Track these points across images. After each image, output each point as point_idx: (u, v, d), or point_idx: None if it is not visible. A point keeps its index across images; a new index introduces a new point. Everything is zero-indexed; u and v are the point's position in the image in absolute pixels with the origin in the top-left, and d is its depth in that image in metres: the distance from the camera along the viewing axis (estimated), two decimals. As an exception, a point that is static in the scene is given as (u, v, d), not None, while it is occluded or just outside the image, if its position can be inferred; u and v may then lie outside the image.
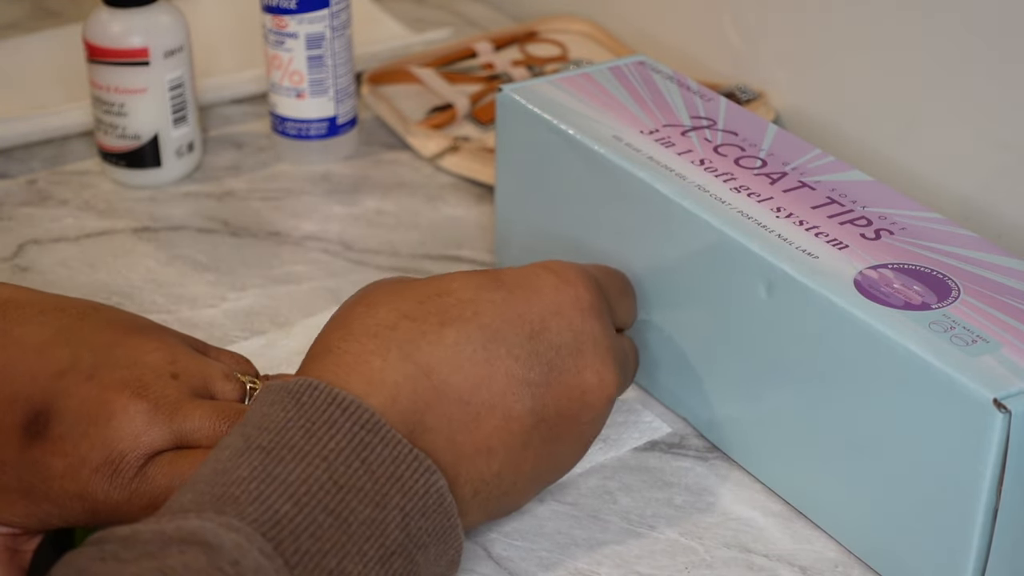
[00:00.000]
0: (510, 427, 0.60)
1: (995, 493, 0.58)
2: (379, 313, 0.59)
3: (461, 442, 0.59)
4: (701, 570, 0.64)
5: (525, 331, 0.60)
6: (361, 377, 0.57)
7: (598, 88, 0.79)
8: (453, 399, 0.58)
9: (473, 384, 0.59)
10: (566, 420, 0.61)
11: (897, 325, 0.60)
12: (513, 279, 0.61)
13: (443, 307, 0.59)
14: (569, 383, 0.61)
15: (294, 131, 0.95)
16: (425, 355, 0.58)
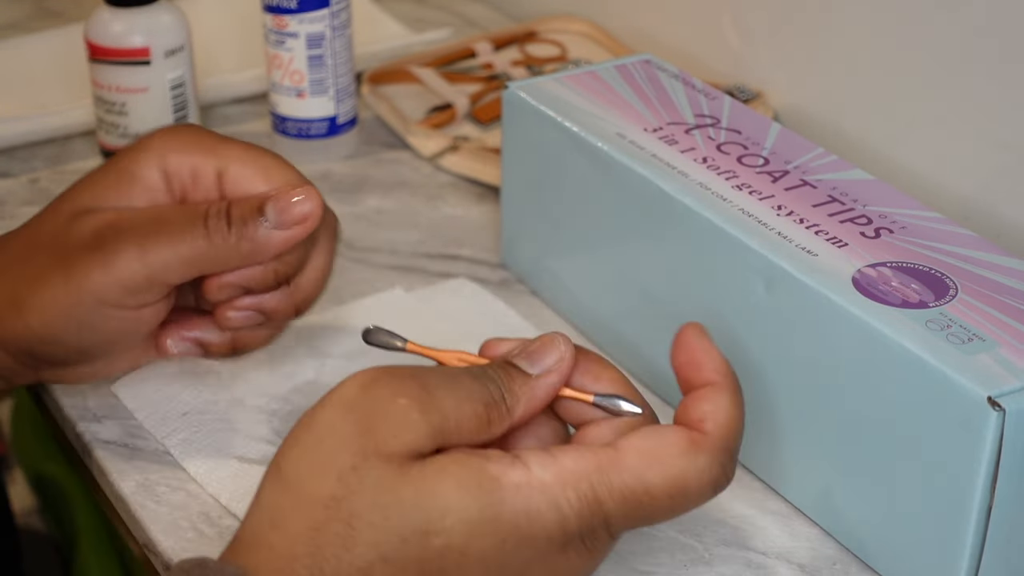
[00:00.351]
0: None
1: (989, 490, 0.58)
2: (357, 548, 0.52)
3: None
4: (700, 567, 0.65)
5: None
6: None
7: (603, 86, 0.79)
8: None
9: None
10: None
11: (894, 323, 0.61)
12: (513, 512, 0.53)
13: (426, 556, 0.52)
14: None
15: (294, 130, 0.95)
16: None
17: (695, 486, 0.55)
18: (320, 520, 0.52)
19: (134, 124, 0.91)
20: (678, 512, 0.56)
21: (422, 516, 0.52)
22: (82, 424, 0.72)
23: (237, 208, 0.63)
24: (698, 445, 0.55)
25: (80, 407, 0.73)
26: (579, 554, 0.55)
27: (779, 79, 0.97)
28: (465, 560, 0.53)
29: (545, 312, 0.81)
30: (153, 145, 0.64)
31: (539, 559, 0.54)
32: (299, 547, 0.52)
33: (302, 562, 0.52)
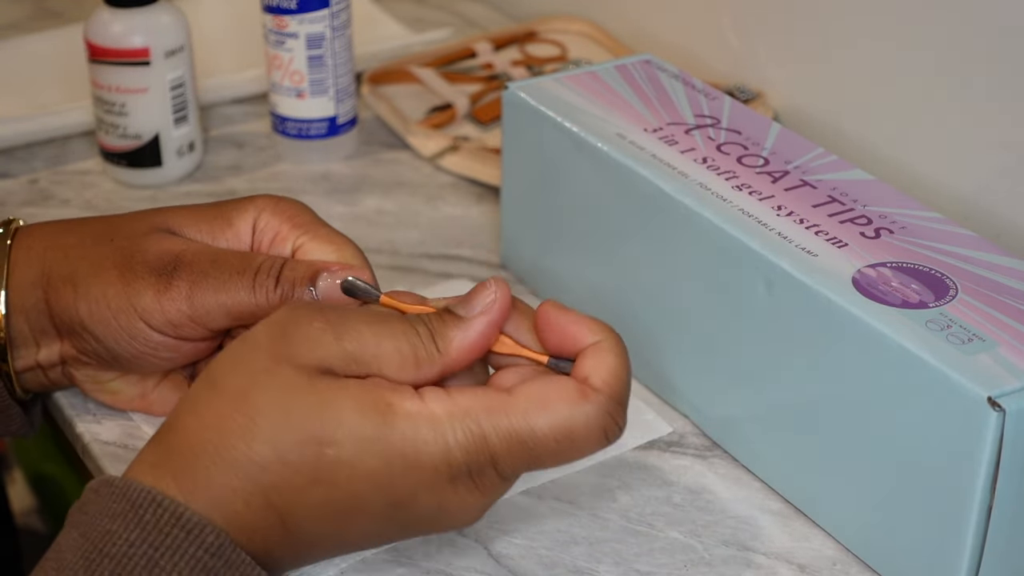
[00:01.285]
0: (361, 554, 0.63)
1: (989, 490, 0.58)
2: (256, 443, 0.55)
3: (288, 565, 0.59)
4: (700, 568, 0.65)
5: (390, 500, 0.56)
6: (219, 513, 0.55)
7: (603, 86, 0.79)
8: (304, 543, 0.58)
9: (327, 536, 0.58)
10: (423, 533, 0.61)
11: (894, 323, 0.61)
12: (401, 437, 0.56)
13: (319, 464, 0.55)
14: (419, 530, 0.59)
15: (294, 131, 0.95)
16: (287, 504, 0.56)
17: (582, 433, 0.57)
18: (227, 410, 0.56)
19: (134, 124, 0.91)
20: (567, 458, 0.57)
21: (319, 424, 0.55)
22: (82, 424, 0.72)
23: (290, 270, 0.64)
24: (585, 395, 0.57)
25: (80, 407, 0.73)
26: (468, 490, 0.57)
27: (779, 79, 0.97)
28: (354, 474, 0.55)
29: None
30: (256, 202, 0.67)
31: (426, 487, 0.56)
32: (206, 433, 0.56)
33: (207, 448, 0.55)
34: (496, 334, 0.59)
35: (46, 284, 0.66)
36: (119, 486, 0.55)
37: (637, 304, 0.74)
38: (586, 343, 0.58)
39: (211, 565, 0.54)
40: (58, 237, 0.67)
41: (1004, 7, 0.81)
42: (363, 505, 0.56)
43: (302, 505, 0.56)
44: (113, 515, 0.55)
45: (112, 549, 0.54)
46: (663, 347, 0.73)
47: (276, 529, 0.56)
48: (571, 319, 0.59)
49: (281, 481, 0.55)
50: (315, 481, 0.55)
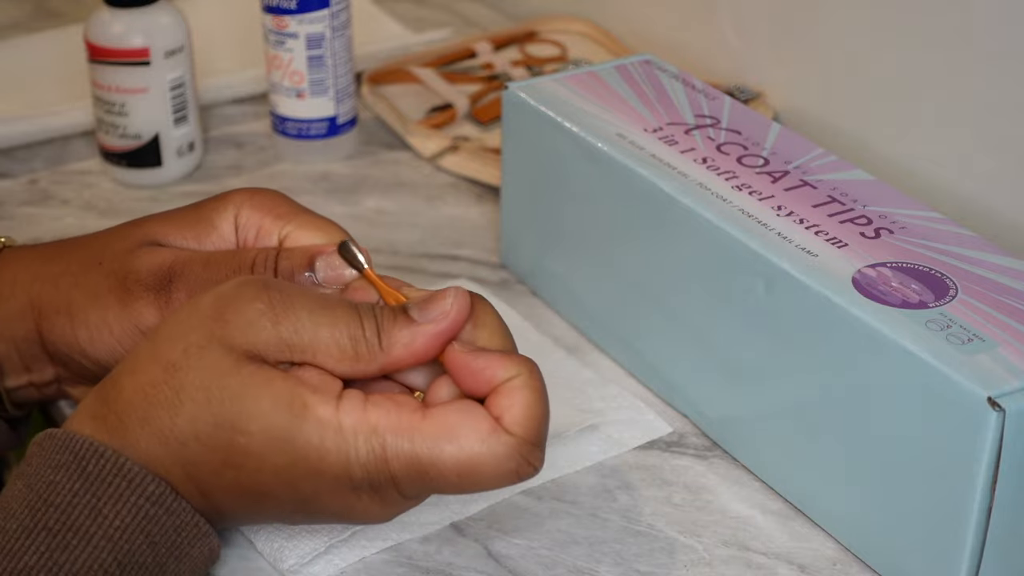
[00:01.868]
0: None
1: (989, 491, 0.58)
2: (179, 418, 0.57)
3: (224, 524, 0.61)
4: (700, 568, 0.65)
5: (296, 495, 0.58)
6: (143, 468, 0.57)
7: (603, 86, 0.79)
8: (226, 514, 0.59)
9: (245, 512, 0.59)
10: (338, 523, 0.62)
11: (894, 323, 0.61)
12: (307, 442, 0.56)
13: (231, 449, 0.57)
14: (334, 521, 0.60)
15: (294, 131, 0.95)
16: (203, 480, 0.58)
17: (489, 473, 0.56)
18: (158, 380, 0.57)
19: (134, 125, 0.91)
20: (471, 490, 0.58)
21: (235, 412, 0.56)
22: (82, 425, 0.72)
23: (286, 259, 0.64)
24: (496, 435, 0.56)
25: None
26: (372, 500, 0.57)
27: (779, 79, 0.97)
28: (262, 467, 0.57)
29: (545, 312, 0.81)
30: (233, 198, 0.66)
31: (329, 492, 0.57)
32: (137, 397, 0.57)
33: (137, 412, 0.57)
34: (443, 344, 0.58)
35: (37, 316, 0.65)
36: (61, 438, 0.57)
37: (637, 304, 0.74)
38: (499, 381, 0.57)
39: (152, 513, 0.56)
40: (44, 266, 0.66)
41: (1004, 7, 0.81)
42: (271, 494, 0.58)
43: (216, 484, 0.57)
44: (56, 466, 0.57)
45: (56, 498, 0.56)
46: (663, 347, 0.73)
47: (197, 498, 0.58)
48: (483, 359, 0.57)
49: (197, 458, 0.57)
50: (226, 464, 0.57)
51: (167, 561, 0.57)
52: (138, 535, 0.56)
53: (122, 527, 0.56)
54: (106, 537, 0.56)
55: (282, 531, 0.64)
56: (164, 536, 0.57)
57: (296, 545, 0.64)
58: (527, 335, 0.78)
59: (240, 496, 0.58)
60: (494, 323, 0.60)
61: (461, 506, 0.67)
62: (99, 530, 0.56)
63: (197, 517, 0.58)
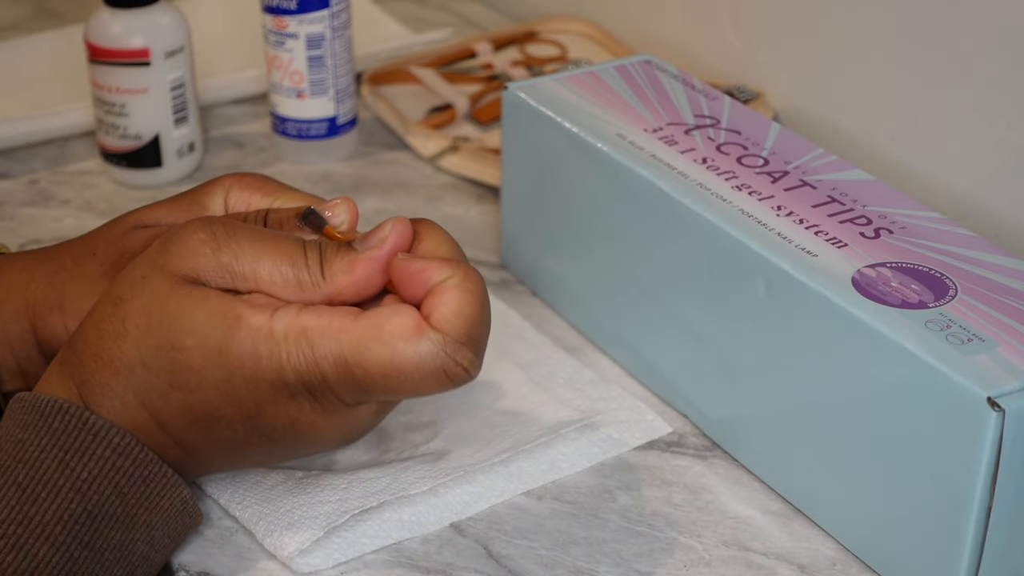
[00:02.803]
0: (238, 457, 0.62)
1: (989, 491, 0.58)
2: (125, 346, 0.58)
3: (194, 470, 0.62)
4: (700, 568, 0.65)
5: (240, 410, 0.58)
6: (104, 410, 0.59)
7: (603, 86, 0.79)
8: (187, 448, 0.60)
9: (200, 439, 0.60)
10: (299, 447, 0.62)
11: (893, 323, 0.61)
12: (240, 350, 0.57)
13: (174, 368, 0.58)
14: (291, 443, 0.60)
15: (294, 131, 0.95)
16: (156, 407, 0.59)
17: (415, 372, 0.57)
18: (107, 314, 0.59)
19: (134, 125, 0.91)
20: (403, 393, 0.58)
21: (174, 330, 0.58)
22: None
23: (275, 214, 0.64)
24: (422, 332, 0.57)
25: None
26: (313, 409, 0.58)
27: (779, 79, 0.97)
28: (202, 382, 0.58)
29: (545, 312, 0.81)
30: (222, 182, 0.67)
31: (269, 401, 0.58)
32: (91, 334, 0.59)
33: (90, 347, 0.59)
34: (383, 271, 0.59)
35: (32, 315, 0.66)
36: (28, 399, 0.59)
37: (637, 304, 0.74)
38: (434, 283, 0.58)
39: (119, 464, 0.58)
40: (38, 267, 0.67)
41: (1004, 7, 0.81)
42: (217, 412, 0.58)
43: (167, 408, 0.58)
44: (24, 425, 0.58)
45: (24, 455, 0.57)
46: (663, 347, 0.73)
47: (157, 431, 0.59)
48: (420, 263, 0.58)
49: (146, 383, 0.58)
50: (172, 386, 0.58)
51: (137, 511, 0.58)
52: (106, 486, 0.57)
53: (90, 479, 0.57)
54: (74, 489, 0.57)
55: (280, 519, 0.64)
56: (132, 486, 0.58)
57: (295, 533, 0.64)
58: (527, 335, 0.78)
59: (192, 422, 0.59)
60: (439, 236, 0.61)
61: (461, 506, 0.67)
62: (67, 482, 0.57)
63: (164, 467, 0.59)
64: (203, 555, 0.64)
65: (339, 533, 0.65)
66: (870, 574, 0.64)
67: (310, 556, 0.64)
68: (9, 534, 0.55)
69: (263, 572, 0.64)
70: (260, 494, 0.66)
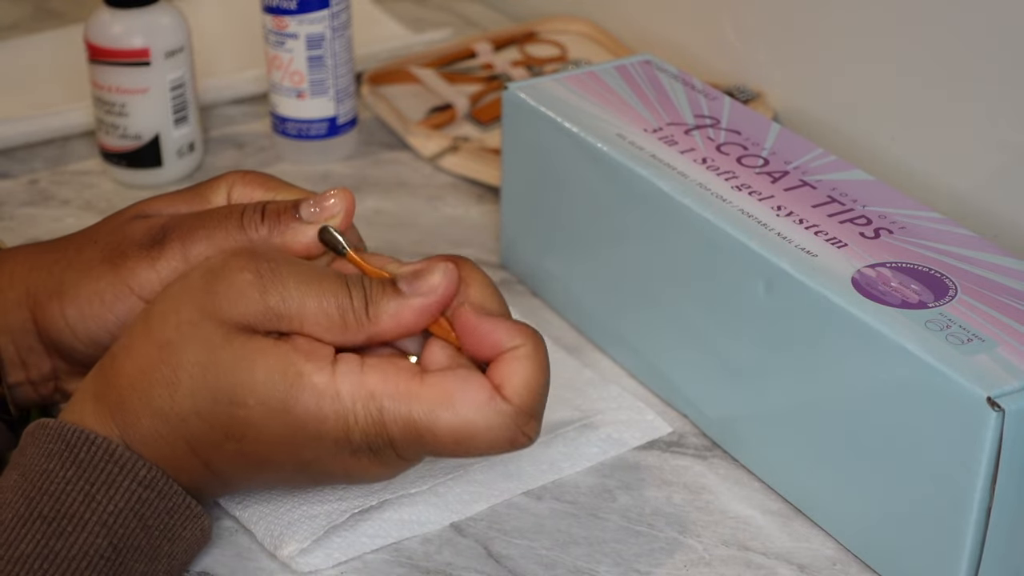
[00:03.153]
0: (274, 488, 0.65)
1: (989, 491, 0.58)
2: (178, 396, 0.58)
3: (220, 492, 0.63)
4: (700, 568, 0.65)
5: (297, 461, 0.59)
6: (149, 451, 0.59)
7: (603, 87, 0.79)
8: (229, 482, 0.61)
9: (248, 478, 0.61)
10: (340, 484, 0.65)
11: (893, 323, 0.61)
12: (304, 410, 0.58)
13: (231, 422, 0.58)
14: (336, 483, 0.63)
15: (294, 131, 0.95)
16: (208, 454, 0.59)
17: (484, 440, 0.57)
18: (155, 360, 0.58)
19: (134, 125, 0.91)
20: (469, 456, 0.58)
21: (232, 383, 0.57)
22: (82, 425, 0.72)
23: (273, 205, 0.65)
24: (495, 403, 0.57)
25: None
26: (371, 461, 0.59)
27: (779, 79, 0.97)
28: (261, 437, 0.58)
29: (545, 312, 0.81)
30: (226, 178, 0.67)
31: (329, 456, 0.58)
32: (137, 377, 0.58)
33: (136, 391, 0.58)
34: (433, 316, 0.59)
35: (32, 304, 0.65)
36: (54, 428, 0.58)
37: (637, 304, 0.74)
38: (504, 348, 0.58)
39: (145, 497, 0.58)
40: (40, 256, 0.67)
41: (1004, 7, 0.81)
42: (273, 461, 0.59)
43: (219, 455, 0.59)
44: (50, 455, 0.57)
45: (50, 487, 0.57)
46: (663, 347, 0.73)
47: (200, 469, 0.59)
48: (490, 324, 0.59)
49: (199, 432, 0.58)
50: (227, 437, 0.58)
51: (160, 543, 0.58)
52: (132, 519, 0.57)
53: (116, 512, 0.57)
54: (100, 522, 0.56)
55: (280, 518, 0.64)
56: (157, 519, 0.58)
57: (295, 532, 0.64)
58: (527, 335, 0.78)
59: (243, 465, 0.59)
60: (483, 282, 0.61)
61: (461, 506, 0.67)
62: (93, 515, 0.56)
63: (188, 499, 0.59)
64: (203, 555, 0.64)
65: (339, 532, 0.65)
66: (870, 574, 0.64)
67: (310, 555, 0.64)
68: (35, 570, 0.55)
69: (263, 572, 0.64)
70: (260, 494, 0.66)
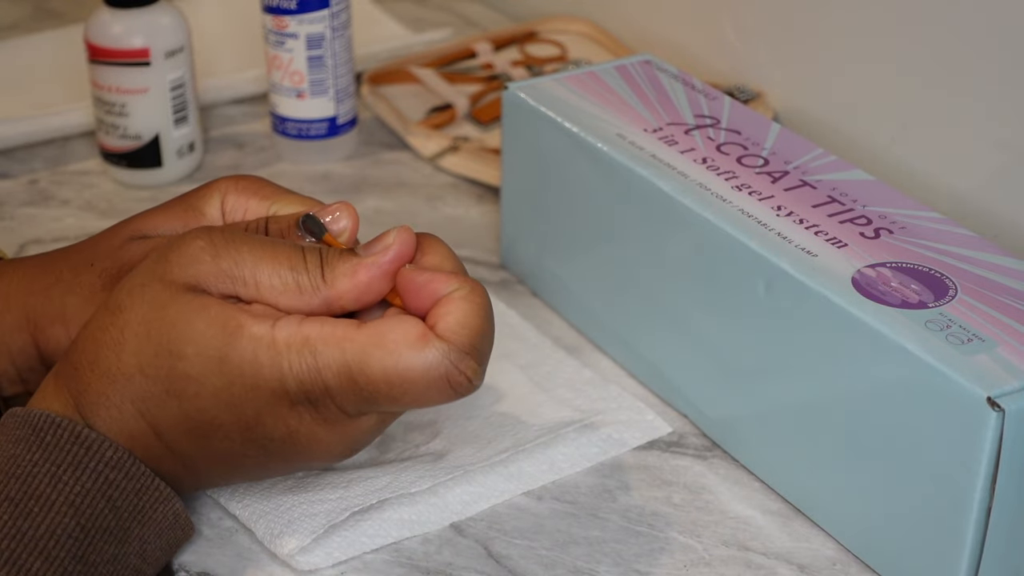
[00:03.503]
0: (235, 470, 0.62)
1: (989, 491, 0.58)
2: (124, 355, 0.58)
3: (189, 483, 0.61)
4: (700, 568, 0.65)
5: (239, 420, 0.58)
6: (100, 420, 0.59)
7: (603, 86, 0.79)
8: (185, 459, 0.60)
9: (197, 450, 0.60)
10: (293, 467, 0.62)
11: (893, 323, 0.61)
12: (240, 358, 0.57)
13: (172, 375, 0.58)
14: (288, 455, 0.60)
15: (294, 131, 0.95)
16: (153, 416, 0.59)
17: (419, 380, 0.57)
18: (106, 323, 0.59)
19: (134, 125, 0.91)
20: (406, 403, 0.57)
21: (173, 338, 0.58)
22: (82, 425, 0.72)
23: (275, 223, 0.64)
24: (427, 340, 0.57)
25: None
26: (314, 420, 0.58)
27: (779, 79, 0.97)
28: (201, 390, 0.58)
29: (545, 312, 0.81)
30: (218, 186, 0.67)
31: (268, 410, 0.58)
32: (88, 343, 0.59)
33: (86, 356, 0.59)
34: (388, 275, 0.59)
35: (33, 329, 0.65)
36: (21, 414, 0.58)
37: (637, 304, 0.74)
38: (441, 295, 0.58)
39: (112, 477, 0.58)
40: (36, 280, 0.67)
41: (1004, 7, 0.81)
42: (215, 422, 0.58)
43: (164, 417, 0.58)
44: (17, 440, 0.58)
45: (18, 470, 0.57)
46: (663, 347, 0.73)
47: (154, 442, 0.59)
48: (428, 275, 0.59)
49: (144, 391, 0.58)
50: (169, 393, 0.58)
51: (130, 525, 0.58)
52: (99, 499, 0.57)
53: (83, 492, 0.57)
54: (67, 503, 0.56)
55: (281, 516, 0.64)
56: (125, 500, 0.58)
57: (295, 530, 0.64)
58: (527, 335, 0.78)
59: (189, 431, 0.59)
60: (443, 251, 0.61)
61: (461, 506, 0.67)
62: (60, 496, 0.56)
63: (157, 480, 0.59)
64: (203, 555, 0.64)
65: (339, 532, 0.65)
66: (870, 574, 0.64)
67: (310, 555, 0.64)
68: (2, 549, 0.55)
69: (263, 572, 0.64)
70: (260, 492, 0.66)
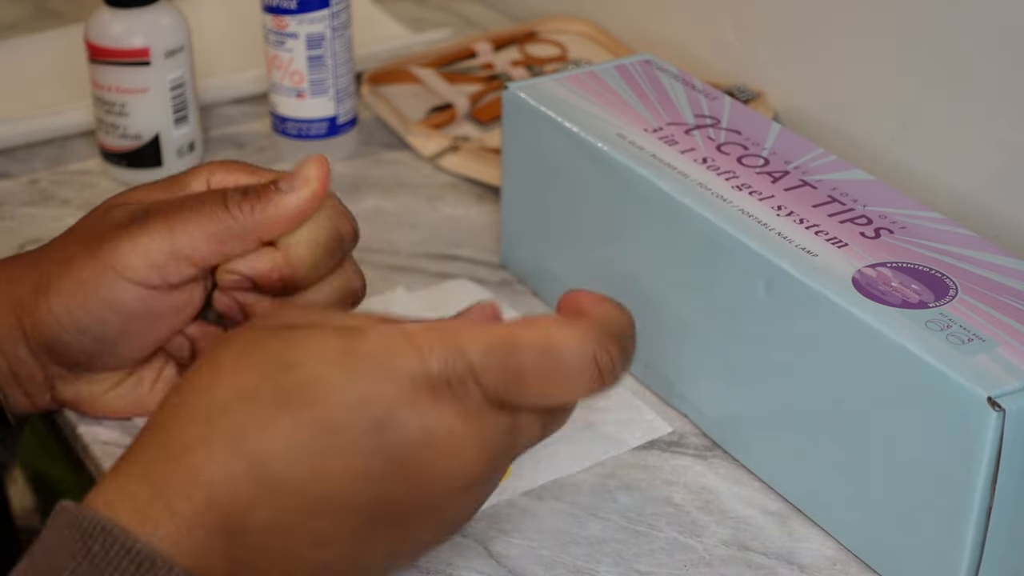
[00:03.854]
0: (348, 520, 0.53)
1: (989, 491, 0.58)
2: (216, 390, 0.52)
3: (295, 537, 0.53)
4: (700, 568, 0.65)
5: (368, 424, 0.52)
6: (181, 476, 0.52)
7: (603, 86, 0.79)
8: (285, 492, 0.52)
9: (307, 477, 0.52)
10: (418, 507, 0.54)
11: (894, 323, 0.61)
12: (368, 355, 0.52)
13: (283, 386, 0.52)
14: (417, 474, 0.53)
15: (295, 131, 0.95)
16: (254, 445, 0.52)
17: (569, 354, 0.53)
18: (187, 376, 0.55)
19: (134, 125, 0.91)
20: (554, 383, 0.54)
21: (282, 351, 0.53)
22: (82, 425, 0.72)
23: (254, 187, 0.65)
24: (573, 320, 0.54)
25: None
26: (455, 411, 0.52)
27: (779, 79, 0.97)
28: (321, 390, 0.52)
29: (545, 312, 0.81)
30: (207, 166, 0.68)
31: (403, 400, 0.52)
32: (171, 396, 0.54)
33: (170, 409, 0.53)
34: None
35: (19, 311, 0.65)
36: (73, 512, 0.53)
37: (637, 304, 0.74)
38: (584, 303, 0.57)
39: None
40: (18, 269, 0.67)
41: (1004, 7, 0.81)
42: (339, 428, 0.52)
43: (270, 443, 0.52)
44: (61, 545, 0.52)
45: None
46: (663, 347, 0.73)
47: (245, 479, 0.52)
48: (582, 293, 0.57)
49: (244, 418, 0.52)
50: (279, 405, 0.52)
51: None
52: None
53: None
54: None
55: None
56: None
57: None
58: (527, 335, 0.78)
59: (299, 447, 0.52)
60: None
61: (461, 506, 0.67)
62: None
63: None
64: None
65: (339, 533, 0.65)
66: (870, 574, 0.64)
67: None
68: None
69: (263, 572, 0.64)
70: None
